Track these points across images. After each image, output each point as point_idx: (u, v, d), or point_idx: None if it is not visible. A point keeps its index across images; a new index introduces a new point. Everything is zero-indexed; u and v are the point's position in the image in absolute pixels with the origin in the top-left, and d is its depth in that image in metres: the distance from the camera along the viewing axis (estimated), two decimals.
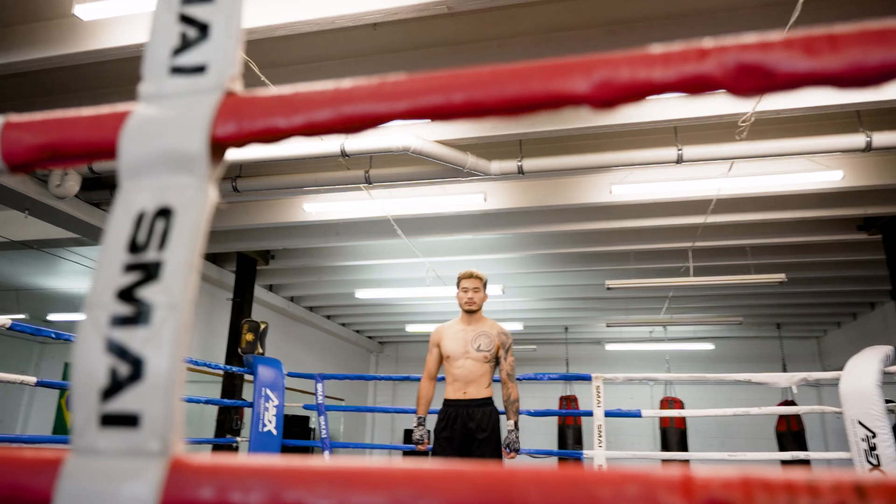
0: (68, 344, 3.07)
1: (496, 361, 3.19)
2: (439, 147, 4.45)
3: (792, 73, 0.44)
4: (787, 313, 9.97)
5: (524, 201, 5.69)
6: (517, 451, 3.10)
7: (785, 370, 10.91)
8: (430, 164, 4.78)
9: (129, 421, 0.47)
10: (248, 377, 6.30)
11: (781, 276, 6.09)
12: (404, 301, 9.60)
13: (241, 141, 0.55)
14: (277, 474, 0.45)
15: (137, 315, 0.49)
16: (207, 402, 4.94)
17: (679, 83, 0.46)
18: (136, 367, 0.48)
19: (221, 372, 6.96)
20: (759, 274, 6.40)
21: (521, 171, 4.70)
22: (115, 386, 0.48)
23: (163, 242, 0.51)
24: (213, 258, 7.56)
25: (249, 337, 6.65)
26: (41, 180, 5.17)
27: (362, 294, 8.14)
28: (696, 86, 0.46)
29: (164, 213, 0.53)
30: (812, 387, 11.09)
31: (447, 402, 3.17)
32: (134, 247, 0.52)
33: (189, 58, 0.58)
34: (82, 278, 8.55)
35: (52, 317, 10.20)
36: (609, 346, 11.65)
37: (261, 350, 6.67)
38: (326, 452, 5.36)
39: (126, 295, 0.50)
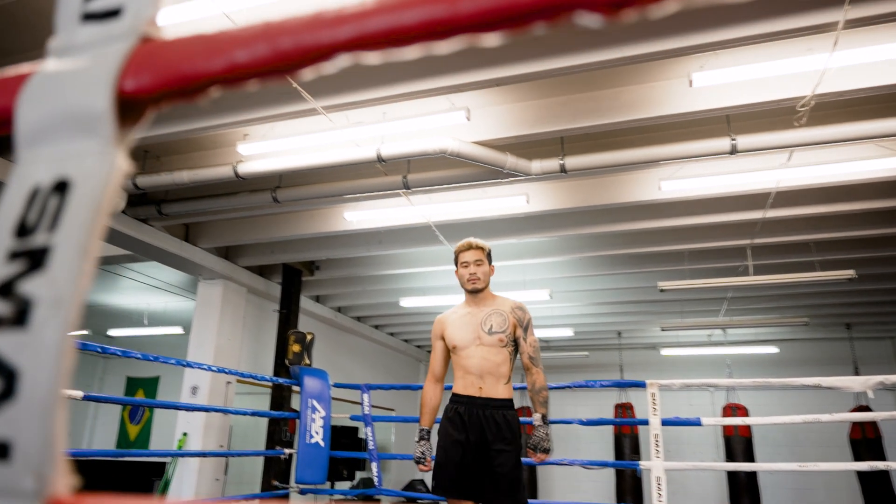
0: (131, 360, 3.23)
1: (515, 347, 2.65)
2: (477, 148, 4.32)
3: None
4: (858, 312, 9.35)
5: (569, 202, 5.49)
6: (547, 451, 2.49)
7: (857, 373, 10.24)
8: (468, 167, 4.66)
9: None
10: (296, 388, 6.29)
11: (850, 273, 5.72)
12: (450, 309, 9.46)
13: (156, 94, 0.44)
14: None
15: (15, 315, 0.39)
16: (254, 413, 4.94)
17: None
18: (9, 382, 0.37)
19: (270, 384, 6.99)
20: (825, 271, 6.01)
21: (563, 170, 4.52)
22: None
23: (54, 223, 0.41)
24: (259, 270, 7.64)
25: (296, 348, 6.65)
26: None
27: (407, 302, 8.05)
28: None
29: (62, 187, 0.42)
30: (889, 391, 10.35)
31: (457, 398, 2.61)
32: (22, 230, 0.41)
33: (102, 0, 0.47)
34: (140, 294, 8.79)
35: (112, 332, 10.57)
36: (665, 351, 11.21)
37: (308, 361, 6.66)
38: (374, 464, 5.28)
39: (5, 290, 0.40)
